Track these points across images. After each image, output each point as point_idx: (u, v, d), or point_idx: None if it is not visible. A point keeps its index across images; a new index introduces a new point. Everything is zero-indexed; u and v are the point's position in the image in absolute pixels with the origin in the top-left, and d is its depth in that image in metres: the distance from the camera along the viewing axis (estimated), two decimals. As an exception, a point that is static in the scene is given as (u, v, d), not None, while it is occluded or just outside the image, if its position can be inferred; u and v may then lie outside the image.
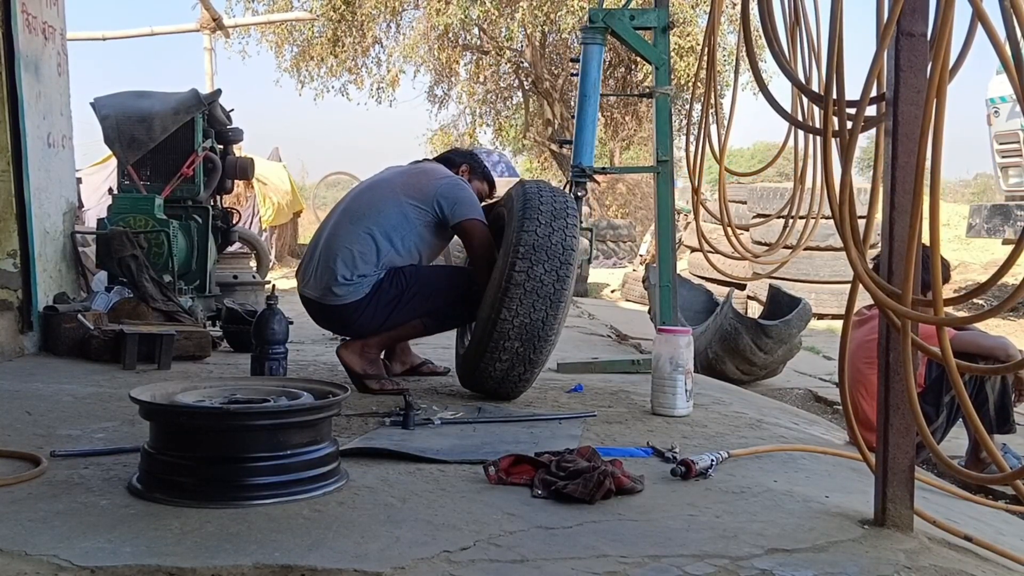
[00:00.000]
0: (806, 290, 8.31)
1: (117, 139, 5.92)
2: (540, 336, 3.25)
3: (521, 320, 3.21)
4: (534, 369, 3.36)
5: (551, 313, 3.24)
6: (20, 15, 4.36)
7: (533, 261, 3.21)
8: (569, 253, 3.28)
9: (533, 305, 3.21)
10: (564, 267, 3.25)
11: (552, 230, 3.27)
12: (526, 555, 1.80)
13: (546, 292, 3.21)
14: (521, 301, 3.20)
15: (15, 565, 1.69)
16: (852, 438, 2.50)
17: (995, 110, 9.20)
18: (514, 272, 3.21)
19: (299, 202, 17.49)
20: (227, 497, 2.07)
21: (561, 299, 3.26)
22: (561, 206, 3.36)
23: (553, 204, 3.35)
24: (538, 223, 3.28)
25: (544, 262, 3.22)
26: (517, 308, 3.20)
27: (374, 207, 3.58)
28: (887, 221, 1.98)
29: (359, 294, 3.50)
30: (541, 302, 3.21)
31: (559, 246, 3.26)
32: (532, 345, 3.26)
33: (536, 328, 3.23)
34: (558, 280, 3.23)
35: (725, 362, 5.86)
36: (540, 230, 3.26)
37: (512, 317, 3.21)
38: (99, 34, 15.70)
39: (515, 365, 3.30)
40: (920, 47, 1.93)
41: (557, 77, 19.53)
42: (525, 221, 3.28)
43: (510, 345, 3.25)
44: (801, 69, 3.16)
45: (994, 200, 10.38)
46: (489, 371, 3.33)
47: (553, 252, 3.24)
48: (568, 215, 3.35)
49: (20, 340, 4.37)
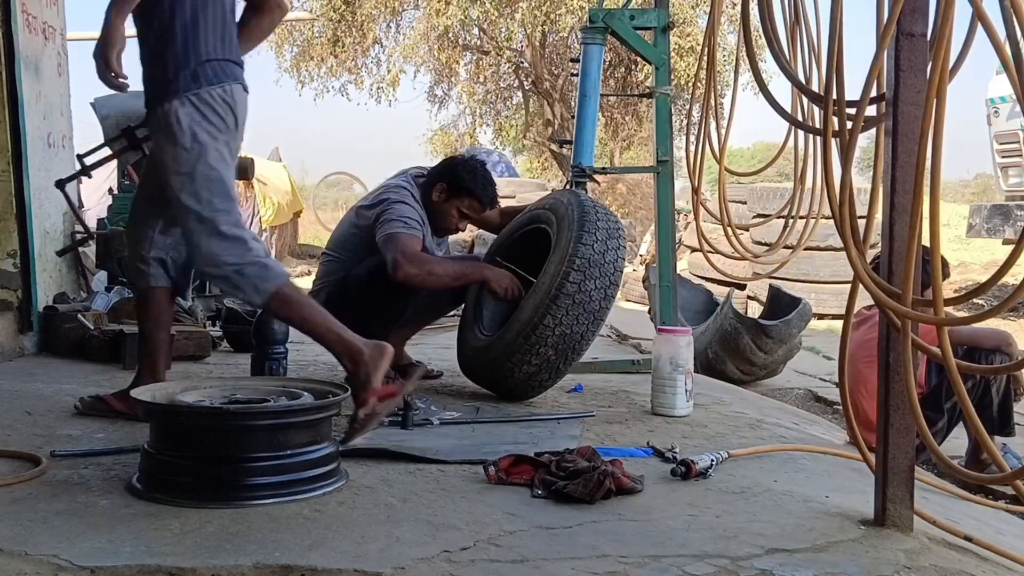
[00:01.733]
0: (806, 290, 8.30)
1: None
2: (575, 348, 3.30)
3: (562, 330, 3.24)
4: (558, 378, 3.40)
5: (591, 329, 3.29)
6: (20, 15, 4.35)
7: (587, 275, 3.25)
8: (618, 274, 3.34)
9: (577, 318, 3.24)
10: (612, 287, 3.31)
11: (607, 248, 3.32)
12: (526, 555, 1.80)
13: (592, 307, 3.25)
14: (568, 312, 3.23)
15: (15, 565, 1.69)
16: (852, 438, 2.50)
17: (995, 110, 9.19)
18: (567, 282, 3.24)
19: (299, 202, 17.49)
20: (227, 497, 2.07)
21: (603, 317, 3.32)
22: (615, 226, 3.43)
23: (608, 223, 3.41)
24: (595, 239, 3.33)
25: (596, 278, 3.26)
26: (562, 318, 3.23)
27: (339, 227, 3.79)
28: (887, 221, 1.98)
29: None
30: (585, 316, 3.25)
31: (611, 265, 3.31)
32: (565, 356, 3.29)
33: (574, 340, 3.27)
34: (605, 298, 3.28)
35: (725, 362, 5.86)
36: (596, 246, 3.31)
37: (555, 326, 3.24)
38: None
39: (542, 371, 3.32)
40: (920, 47, 1.93)
41: (557, 77, 19.51)
42: (583, 235, 3.32)
43: (544, 352, 3.27)
44: (801, 69, 3.16)
45: (994, 200, 10.37)
46: (514, 372, 3.34)
47: (605, 270, 3.29)
48: (620, 236, 3.42)
49: (20, 340, 4.37)
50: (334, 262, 3.72)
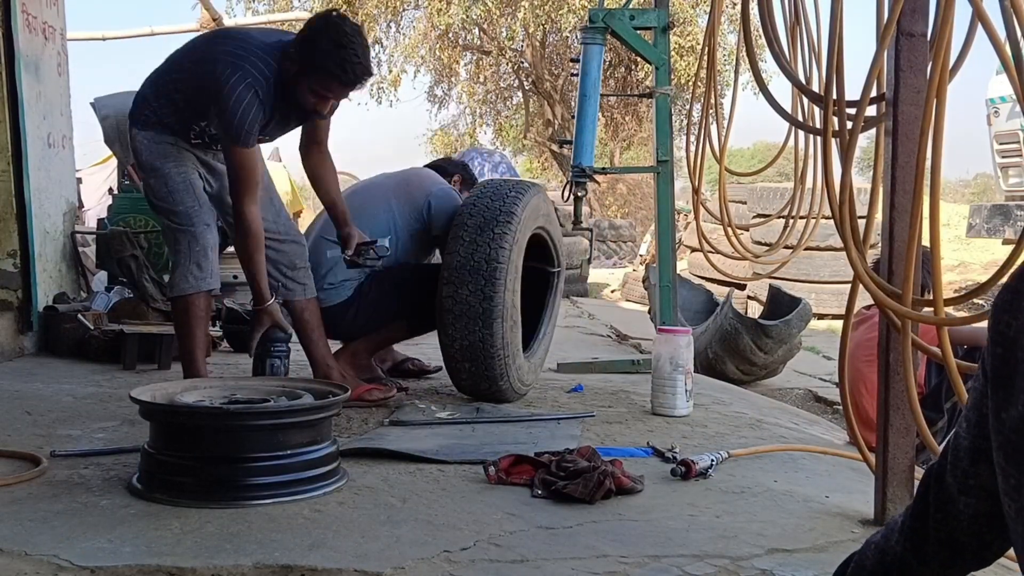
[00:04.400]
0: (806, 290, 8.30)
1: (117, 139, 5.93)
2: (486, 355, 3.20)
3: (462, 343, 3.20)
4: (497, 383, 3.28)
5: (486, 332, 3.18)
6: (20, 15, 4.36)
7: (458, 284, 3.17)
8: (497, 266, 3.16)
9: (467, 327, 3.18)
10: (490, 284, 3.16)
11: (477, 245, 3.18)
12: (526, 555, 1.80)
13: (475, 313, 3.17)
14: (455, 325, 3.19)
15: (15, 565, 1.69)
16: (852, 438, 2.50)
17: (995, 110, 9.19)
18: (442, 298, 3.20)
19: (299, 202, 17.42)
20: (227, 497, 2.07)
21: (494, 316, 3.18)
22: (493, 215, 3.22)
23: (483, 216, 3.23)
24: (461, 242, 3.20)
25: (469, 283, 3.17)
26: (453, 333, 3.20)
27: (363, 210, 3.51)
28: (887, 221, 1.98)
29: (342, 297, 3.48)
30: (473, 323, 3.17)
31: (484, 262, 3.16)
32: (481, 363, 3.23)
33: (477, 348, 3.19)
34: (485, 299, 3.17)
35: (725, 362, 5.86)
36: (463, 249, 3.18)
37: (451, 342, 3.22)
38: (99, 34, 15.66)
39: (479, 382, 3.29)
40: (920, 47, 1.94)
41: (557, 77, 19.52)
42: (449, 241, 3.23)
43: (464, 366, 3.26)
44: (801, 69, 3.16)
45: (994, 200, 10.36)
46: (463, 386, 3.37)
47: (478, 269, 3.16)
48: (499, 223, 3.20)
49: (20, 340, 4.37)
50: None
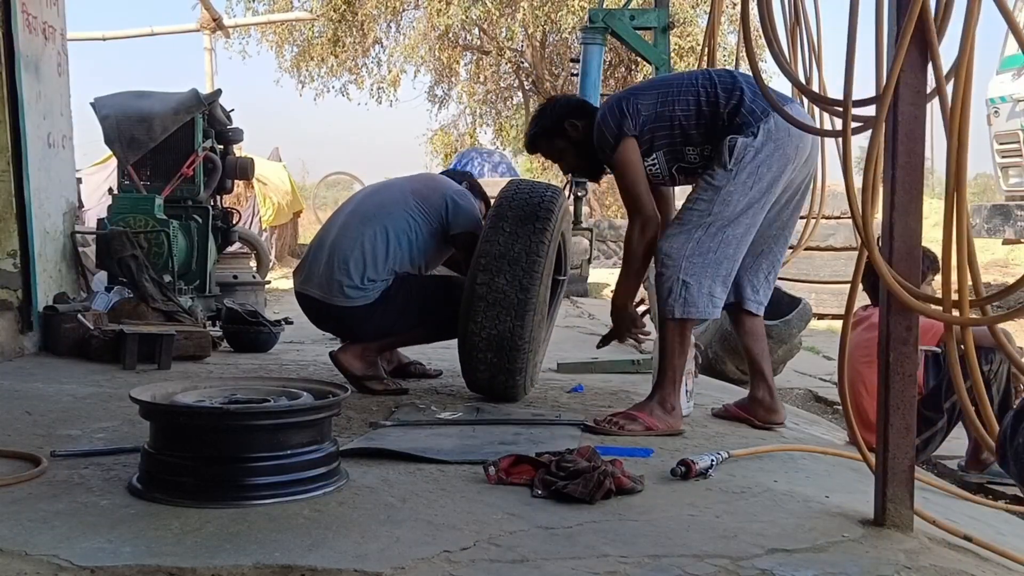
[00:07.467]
0: (806, 290, 8.29)
1: (117, 139, 5.93)
2: (512, 347, 3.22)
3: (488, 332, 3.20)
4: (514, 377, 3.31)
5: (518, 324, 3.20)
6: (20, 15, 4.36)
7: (495, 272, 3.18)
8: (536, 260, 3.21)
9: (498, 316, 3.18)
10: (528, 276, 3.20)
11: (516, 237, 3.21)
12: (526, 555, 1.80)
13: (509, 303, 3.18)
14: (486, 314, 3.18)
15: (15, 565, 1.69)
16: (852, 438, 2.50)
17: (995, 110, 9.19)
18: (475, 285, 3.20)
19: (299, 202, 17.49)
20: (227, 497, 2.07)
21: (528, 309, 3.20)
22: (532, 211, 3.28)
23: (523, 210, 3.27)
24: (502, 232, 3.23)
25: (507, 272, 3.18)
26: (482, 321, 3.20)
27: (384, 208, 3.57)
28: (887, 221, 1.98)
29: (368, 299, 3.47)
30: (506, 313, 3.18)
31: (524, 254, 3.20)
32: (506, 356, 3.23)
33: (504, 339, 3.20)
34: (521, 290, 3.19)
35: (725, 362, 5.85)
36: (503, 239, 3.22)
37: (479, 330, 3.21)
38: (99, 34, 15.70)
39: (496, 375, 3.29)
40: (920, 47, 1.93)
41: (557, 77, 19.51)
42: (489, 231, 3.26)
43: (484, 356, 3.25)
44: (801, 69, 3.17)
45: (994, 200, 10.37)
46: (477, 379, 3.36)
47: (516, 260, 3.19)
48: (538, 219, 3.26)
49: (20, 340, 4.37)
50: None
